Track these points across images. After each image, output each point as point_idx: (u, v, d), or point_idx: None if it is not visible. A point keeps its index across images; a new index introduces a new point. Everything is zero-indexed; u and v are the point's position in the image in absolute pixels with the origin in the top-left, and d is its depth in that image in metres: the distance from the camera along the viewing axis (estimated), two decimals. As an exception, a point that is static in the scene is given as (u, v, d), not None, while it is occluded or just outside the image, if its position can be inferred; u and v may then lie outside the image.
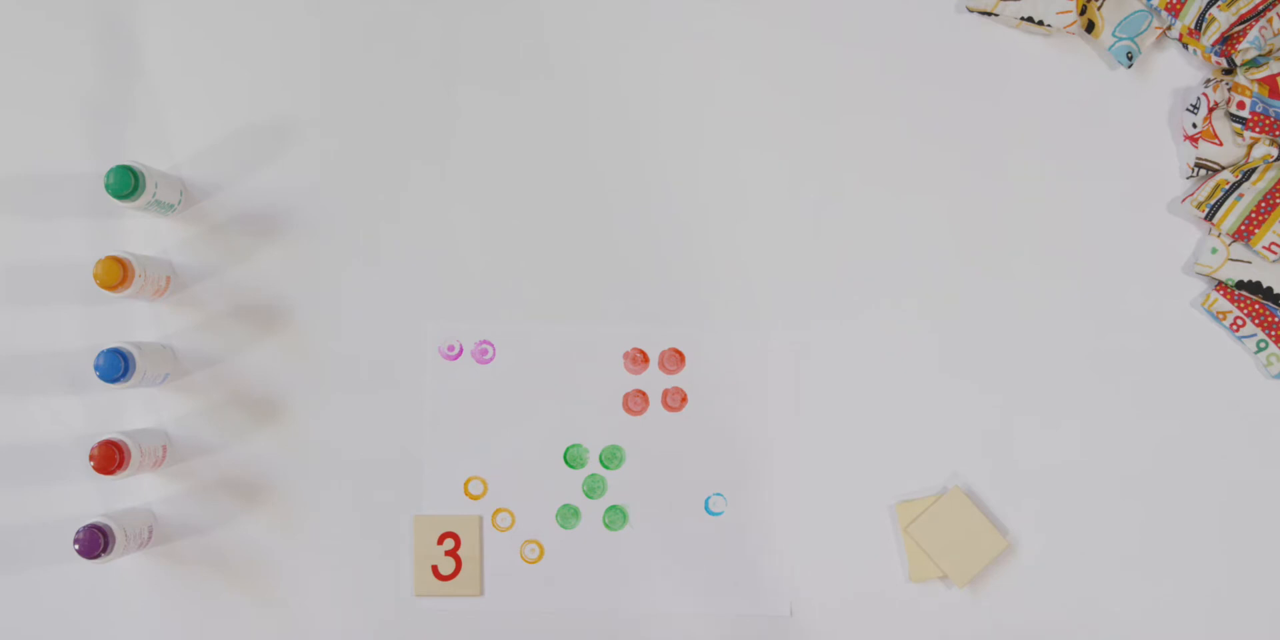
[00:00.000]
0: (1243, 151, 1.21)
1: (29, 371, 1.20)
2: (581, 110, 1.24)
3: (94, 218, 1.21)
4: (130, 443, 1.11)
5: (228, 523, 1.20)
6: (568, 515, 1.22)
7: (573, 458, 1.22)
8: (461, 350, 1.22)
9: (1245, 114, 1.19)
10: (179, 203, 1.19)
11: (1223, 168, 1.22)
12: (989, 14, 1.22)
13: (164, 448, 1.18)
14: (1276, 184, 1.19)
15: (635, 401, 1.23)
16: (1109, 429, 1.22)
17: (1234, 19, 1.18)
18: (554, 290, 1.23)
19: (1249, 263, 1.21)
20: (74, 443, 1.19)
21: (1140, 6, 1.21)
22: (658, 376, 1.23)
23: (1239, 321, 1.21)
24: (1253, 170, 1.20)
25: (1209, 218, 1.20)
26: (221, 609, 1.20)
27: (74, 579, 1.19)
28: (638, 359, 1.23)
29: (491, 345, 1.22)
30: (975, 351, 1.23)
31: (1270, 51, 1.20)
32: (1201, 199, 1.21)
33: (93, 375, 1.10)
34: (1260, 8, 1.18)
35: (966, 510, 1.20)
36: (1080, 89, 1.24)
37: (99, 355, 1.10)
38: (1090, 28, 1.22)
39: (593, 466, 1.22)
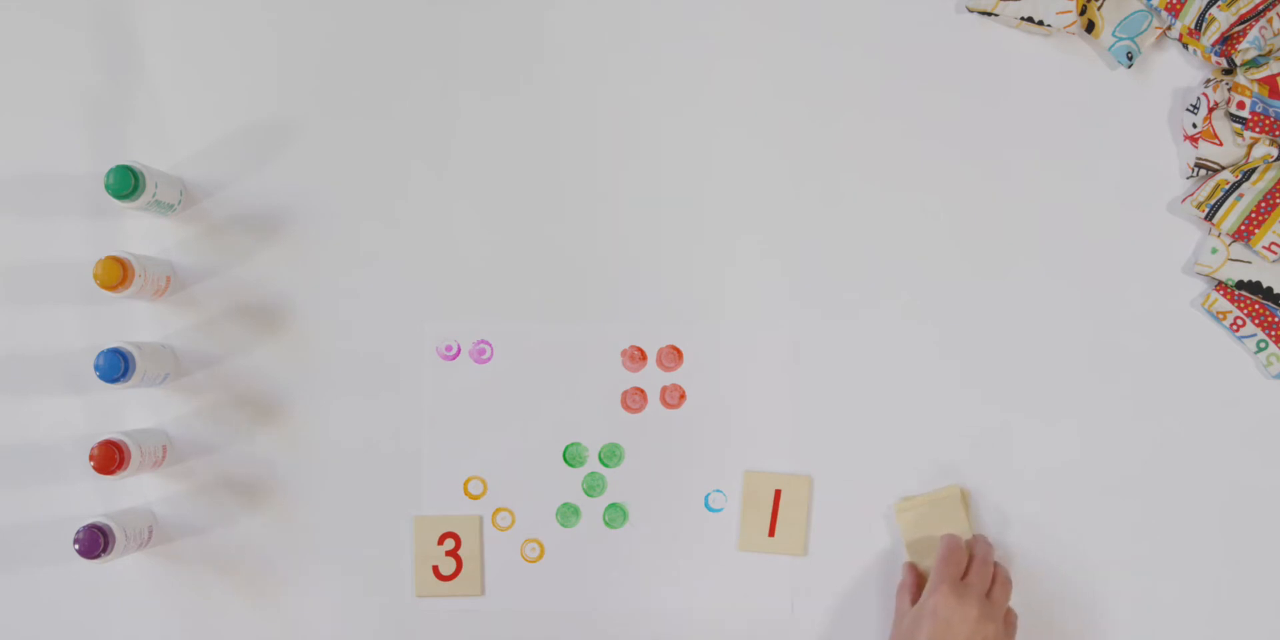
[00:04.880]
0: (1243, 151, 1.21)
1: (29, 371, 1.20)
2: (580, 110, 1.23)
3: (94, 218, 1.20)
4: (130, 443, 1.12)
5: (228, 523, 1.20)
6: (568, 514, 1.22)
7: (572, 456, 1.22)
8: (459, 350, 1.22)
9: (1245, 114, 1.19)
10: (179, 203, 1.19)
11: (1223, 168, 1.22)
12: (989, 14, 1.22)
13: (164, 448, 1.18)
14: (1276, 184, 1.19)
15: (634, 399, 1.23)
16: (1109, 429, 1.22)
17: (1234, 19, 1.18)
18: (551, 289, 1.23)
19: (1249, 263, 1.21)
20: (74, 443, 1.19)
21: (1140, 6, 1.21)
22: (656, 374, 1.23)
23: (1239, 321, 1.21)
24: (1253, 170, 1.20)
25: (1209, 218, 1.20)
26: (221, 609, 1.20)
27: (74, 579, 1.19)
28: (636, 356, 1.23)
29: (489, 345, 1.22)
30: (975, 351, 1.23)
31: (1270, 51, 1.20)
32: (1201, 199, 1.20)
33: (93, 375, 1.10)
34: (1260, 8, 1.18)
35: (953, 510, 1.20)
36: (1080, 89, 1.24)
37: (99, 355, 1.10)
38: (1090, 28, 1.22)
39: (592, 465, 1.22)
